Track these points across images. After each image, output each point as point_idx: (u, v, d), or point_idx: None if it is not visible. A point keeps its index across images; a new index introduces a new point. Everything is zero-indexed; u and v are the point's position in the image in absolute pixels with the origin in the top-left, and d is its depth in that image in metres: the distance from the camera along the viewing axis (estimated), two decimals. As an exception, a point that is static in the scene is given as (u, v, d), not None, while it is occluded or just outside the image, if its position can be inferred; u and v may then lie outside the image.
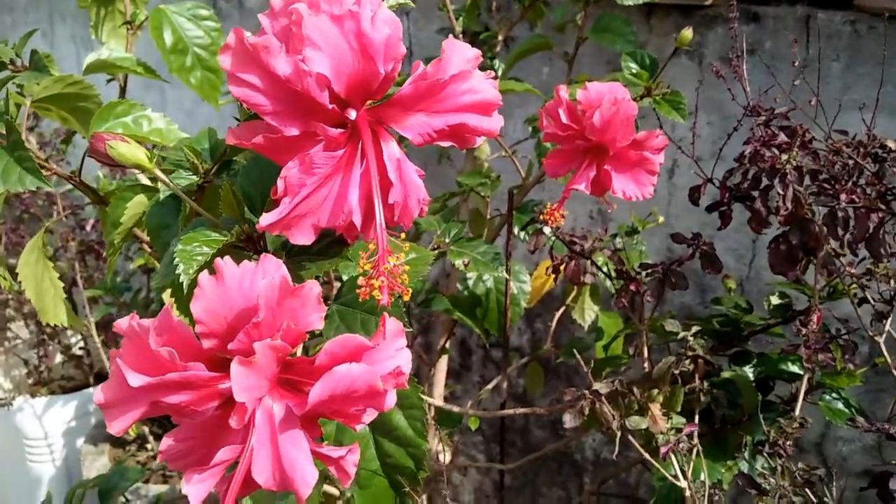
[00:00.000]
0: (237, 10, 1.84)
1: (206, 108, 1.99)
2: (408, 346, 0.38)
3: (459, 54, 0.41)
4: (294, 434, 0.38)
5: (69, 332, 1.76)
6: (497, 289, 1.08)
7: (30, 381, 1.72)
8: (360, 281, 0.39)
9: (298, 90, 0.37)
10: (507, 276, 1.04)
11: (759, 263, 1.35)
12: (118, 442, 1.50)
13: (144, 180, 0.95)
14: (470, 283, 1.08)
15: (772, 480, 0.71)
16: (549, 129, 0.77)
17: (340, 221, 0.41)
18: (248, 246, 0.46)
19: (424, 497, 1.16)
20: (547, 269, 0.95)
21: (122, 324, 0.36)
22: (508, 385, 1.29)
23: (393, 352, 0.39)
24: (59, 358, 1.77)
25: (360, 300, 0.39)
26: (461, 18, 1.33)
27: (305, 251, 0.45)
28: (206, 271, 0.37)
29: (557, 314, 1.28)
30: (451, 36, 0.42)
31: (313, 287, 0.36)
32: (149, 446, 1.48)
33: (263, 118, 0.39)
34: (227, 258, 0.37)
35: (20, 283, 0.69)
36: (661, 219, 1.31)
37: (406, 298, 0.41)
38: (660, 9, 1.31)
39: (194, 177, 0.60)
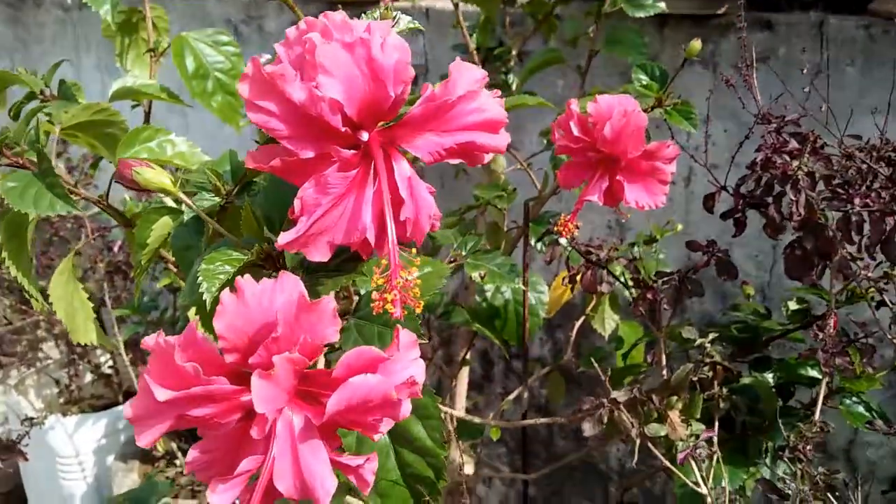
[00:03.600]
0: (257, 34, 1.88)
1: (227, 130, 2.02)
2: (428, 359, 0.40)
3: (467, 75, 0.42)
4: (313, 444, 0.39)
5: (98, 352, 1.80)
6: (515, 300, 1.10)
7: (61, 399, 1.76)
8: (374, 295, 0.41)
9: (313, 115, 0.39)
10: (525, 287, 1.05)
11: (779, 269, 1.34)
12: (147, 458, 1.53)
13: (170, 202, 0.98)
14: (488, 294, 1.10)
15: (792, 486, 0.72)
16: (562, 141, 0.79)
17: (355, 238, 0.43)
18: (268, 264, 0.48)
19: (448, 508, 1.16)
20: (563, 279, 0.96)
21: (149, 341, 0.38)
22: (530, 395, 1.30)
23: (407, 362, 0.40)
24: (88, 377, 1.81)
25: (374, 314, 0.41)
26: (475, 35, 1.35)
27: (322, 268, 0.47)
28: (227, 289, 0.38)
29: (577, 324, 1.28)
30: (457, 58, 0.44)
31: (329, 302, 0.38)
32: (177, 462, 1.51)
33: (280, 142, 0.40)
34: (248, 276, 0.39)
35: (51, 304, 0.71)
36: (680, 227, 1.32)
37: (419, 311, 0.42)
38: (672, 19, 1.33)
39: (216, 198, 0.63)
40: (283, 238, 0.42)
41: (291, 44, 0.41)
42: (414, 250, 0.42)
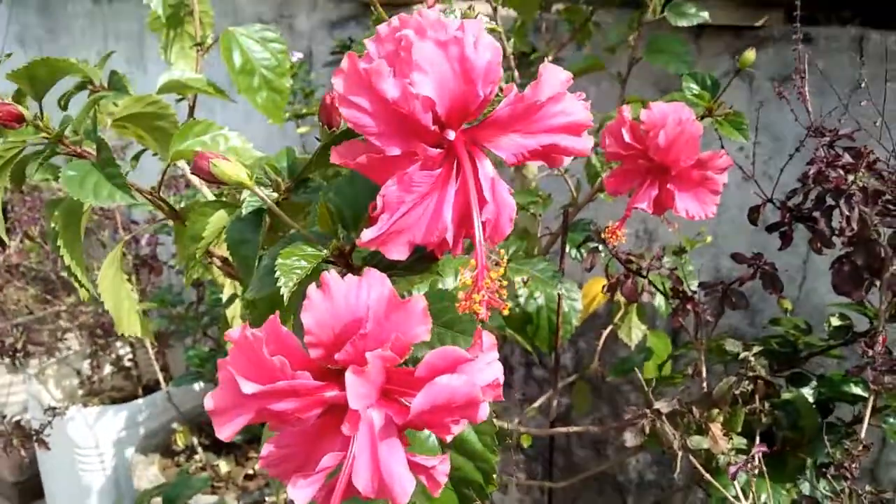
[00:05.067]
0: (287, 33, 1.89)
1: (253, 127, 2.03)
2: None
3: (554, 77, 0.42)
4: (392, 443, 0.39)
5: (118, 344, 1.80)
6: (548, 307, 1.09)
7: (81, 391, 1.77)
8: (461, 295, 0.41)
9: (404, 112, 0.39)
10: (561, 294, 1.05)
11: (808, 285, 1.34)
12: (168, 452, 1.53)
13: (210, 196, 0.98)
14: (521, 300, 1.09)
15: (838, 504, 0.71)
16: (612, 147, 0.78)
17: (434, 238, 0.42)
18: (339, 260, 0.48)
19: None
20: (603, 287, 0.96)
21: (233, 334, 0.38)
22: (557, 403, 1.29)
23: (486, 364, 0.40)
24: (107, 369, 1.81)
25: (458, 313, 0.40)
26: (511, 40, 1.35)
27: (394, 266, 0.46)
28: (313, 284, 0.38)
29: (605, 333, 1.28)
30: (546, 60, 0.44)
31: (419, 301, 0.37)
32: (197, 457, 1.51)
33: (368, 139, 0.40)
34: (333, 272, 0.38)
35: (100, 294, 0.71)
36: (709, 238, 1.31)
37: (506, 313, 0.42)
38: (710, 30, 1.32)
39: (274, 194, 0.62)
40: (365, 235, 0.41)
41: (383, 40, 0.40)
42: (503, 252, 0.42)
